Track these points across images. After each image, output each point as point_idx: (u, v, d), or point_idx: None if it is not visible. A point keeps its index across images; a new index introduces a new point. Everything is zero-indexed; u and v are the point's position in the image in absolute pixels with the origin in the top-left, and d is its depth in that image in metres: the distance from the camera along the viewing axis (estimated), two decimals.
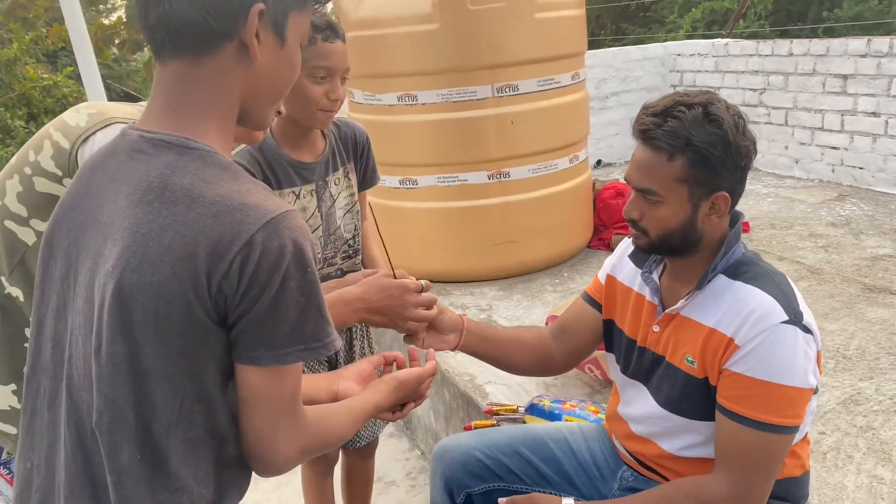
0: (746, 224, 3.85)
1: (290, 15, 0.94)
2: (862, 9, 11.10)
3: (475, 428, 2.24)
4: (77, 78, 7.88)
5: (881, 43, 4.32)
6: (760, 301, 1.31)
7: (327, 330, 0.91)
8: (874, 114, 4.40)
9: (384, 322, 1.44)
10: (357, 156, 1.90)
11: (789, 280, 1.38)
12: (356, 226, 1.89)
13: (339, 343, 0.93)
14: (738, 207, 1.41)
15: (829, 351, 2.51)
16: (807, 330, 1.31)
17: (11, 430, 1.51)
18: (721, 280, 1.38)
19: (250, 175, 0.92)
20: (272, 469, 0.94)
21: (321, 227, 1.80)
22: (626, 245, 1.60)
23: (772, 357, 1.27)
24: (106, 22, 16.82)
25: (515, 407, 2.31)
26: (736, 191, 1.36)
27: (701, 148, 1.28)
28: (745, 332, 1.29)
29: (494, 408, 2.32)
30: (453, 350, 1.58)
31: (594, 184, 3.94)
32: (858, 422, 2.10)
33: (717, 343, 1.33)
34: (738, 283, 1.35)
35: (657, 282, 1.48)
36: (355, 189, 1.89)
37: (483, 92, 3.21)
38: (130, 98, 13.73)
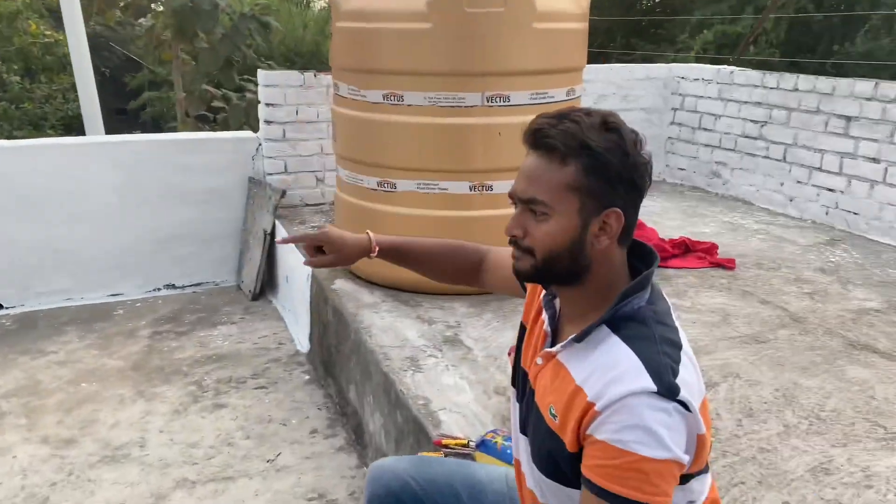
0: (732, 261, 3.71)
1: None
2: (873, 47, 11.01)
3: None
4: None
5: (889, 87, 4.20)
6: (628, 364, 1.15)
7: None
8: (874, 159, 4.27)
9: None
10: None
11: (691, 355, 1.22)
12: None
13: None
14: (729, 241, 1.27)
15: (803, 410, 2.38)
16: (684, 407, 1.13)
17: None
18: (602, 331, 1.22)
19: None
20: None
21: None
22: None
23: (625, 426, 1.11)
24: None
25: (467, 441, 2.17)
26: (629, 213, 1.22)
27: (598, 153, 1.17)
28: (606, 398, 1.14)
29: (444, 440, 2.18)
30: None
31: None
32: (826, 494, 1.97)
33: (580, 404, 1.17)
34: (615, 339, 1.20)
35: (556, 309, 1.34)
36: None
37: (472, 99, 3.06)
38: (131, 63, 13.44)
